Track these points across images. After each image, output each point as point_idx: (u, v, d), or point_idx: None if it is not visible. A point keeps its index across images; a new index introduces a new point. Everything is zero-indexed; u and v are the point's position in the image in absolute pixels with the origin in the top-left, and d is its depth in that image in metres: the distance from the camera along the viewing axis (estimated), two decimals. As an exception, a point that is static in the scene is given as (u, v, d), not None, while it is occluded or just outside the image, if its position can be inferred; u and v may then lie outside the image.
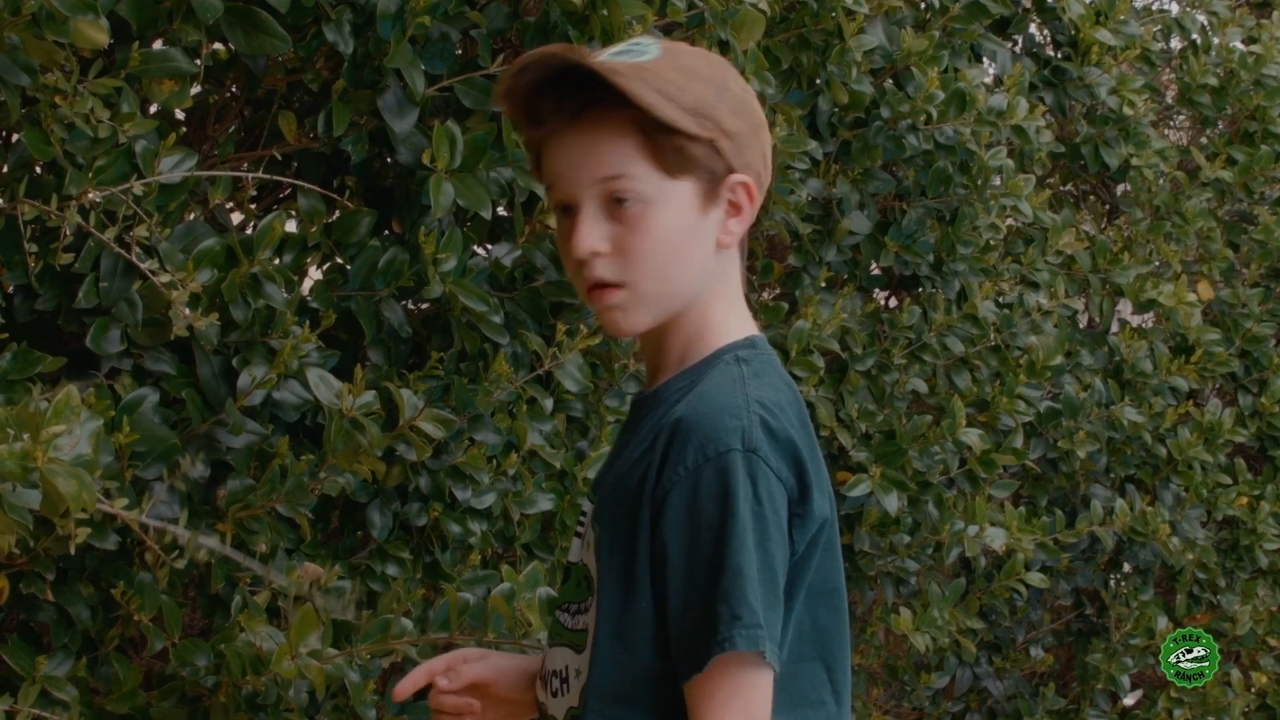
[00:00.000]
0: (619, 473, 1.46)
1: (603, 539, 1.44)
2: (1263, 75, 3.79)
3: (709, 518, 1.37)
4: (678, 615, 1.38)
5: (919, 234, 3.03)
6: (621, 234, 1.40)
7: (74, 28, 1.74)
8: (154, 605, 1.93)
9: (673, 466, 1.38)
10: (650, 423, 1.45)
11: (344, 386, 2.00)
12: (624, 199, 1.40)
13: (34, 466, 1.56)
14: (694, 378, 1.45)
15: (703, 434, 1.38)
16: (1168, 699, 3.69)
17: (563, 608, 1.52)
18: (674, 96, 1.38)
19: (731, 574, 1.36)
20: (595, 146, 1.40)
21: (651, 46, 1.43)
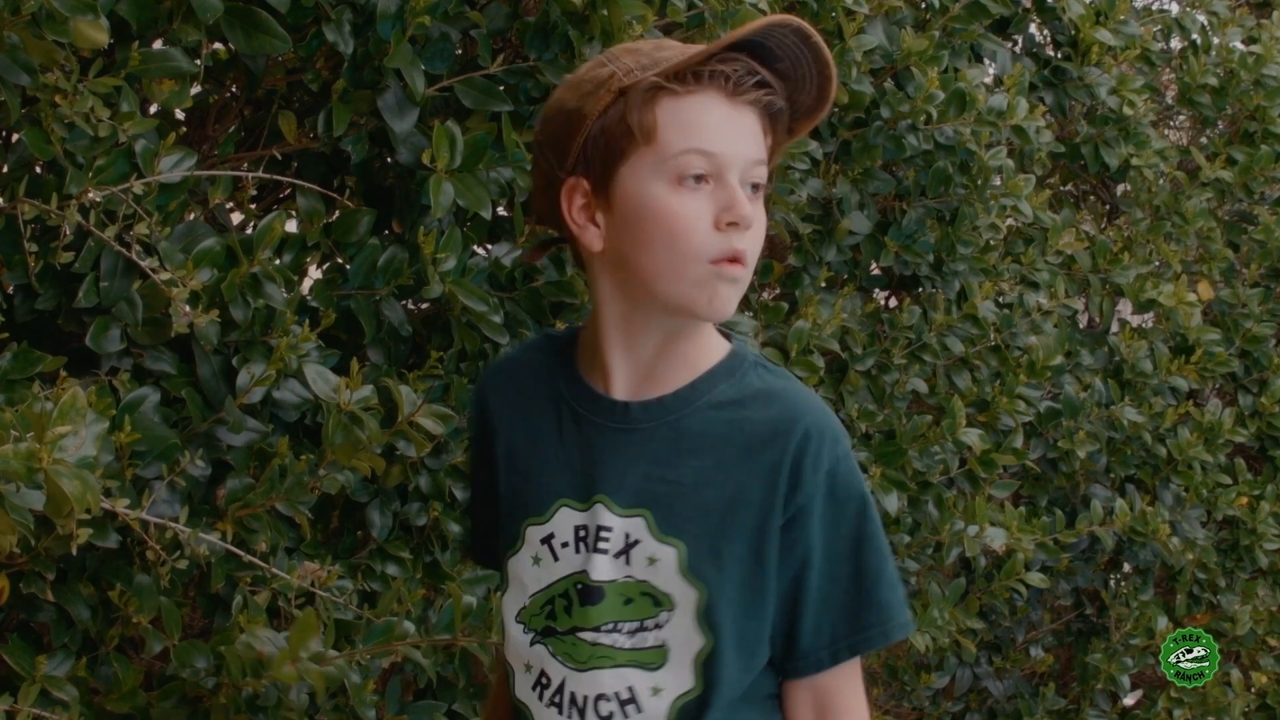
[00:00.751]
0: (694, 483, 1.43)
1: (705, 554, 1.42)
2: (1263, 75, 3.79)
3: (849, 516, 1.45)
4: (817, 612, 1.45)
5: (919, 234, 3.03)
6: (756, 214, 1.44)
7: (74, 28, 1.74)
8: (152, 607, 1.93)
9: (811, 473, 1.43)
10: (702, 427, 1.44)
11: (342, 381, 2.00)
12: (762, 182, 1.44)
13: (39, 467, 1.56)
14: (733, 381, 1.47)
15: (828, 438, 1.45)
16: (1168, 699, 3.69)
17: (602, 629, 1.46)
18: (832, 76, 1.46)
19: (878, 568, 1.47)
20: (749, 128, 1.42)
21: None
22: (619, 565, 1.45)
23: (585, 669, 1.46)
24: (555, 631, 1.48)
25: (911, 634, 1.51)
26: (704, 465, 1.44)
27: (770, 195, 2.69)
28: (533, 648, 1.50)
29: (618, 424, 1.47)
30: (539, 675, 1.49)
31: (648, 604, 1.44)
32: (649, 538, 1.44)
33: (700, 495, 1.43)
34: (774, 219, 2.76)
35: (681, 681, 1.45)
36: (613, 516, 1.45)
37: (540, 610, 1.49)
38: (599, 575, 1.45)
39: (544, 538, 1.48)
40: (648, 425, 1.46)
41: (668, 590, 1.43)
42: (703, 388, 1.47)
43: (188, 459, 1.89)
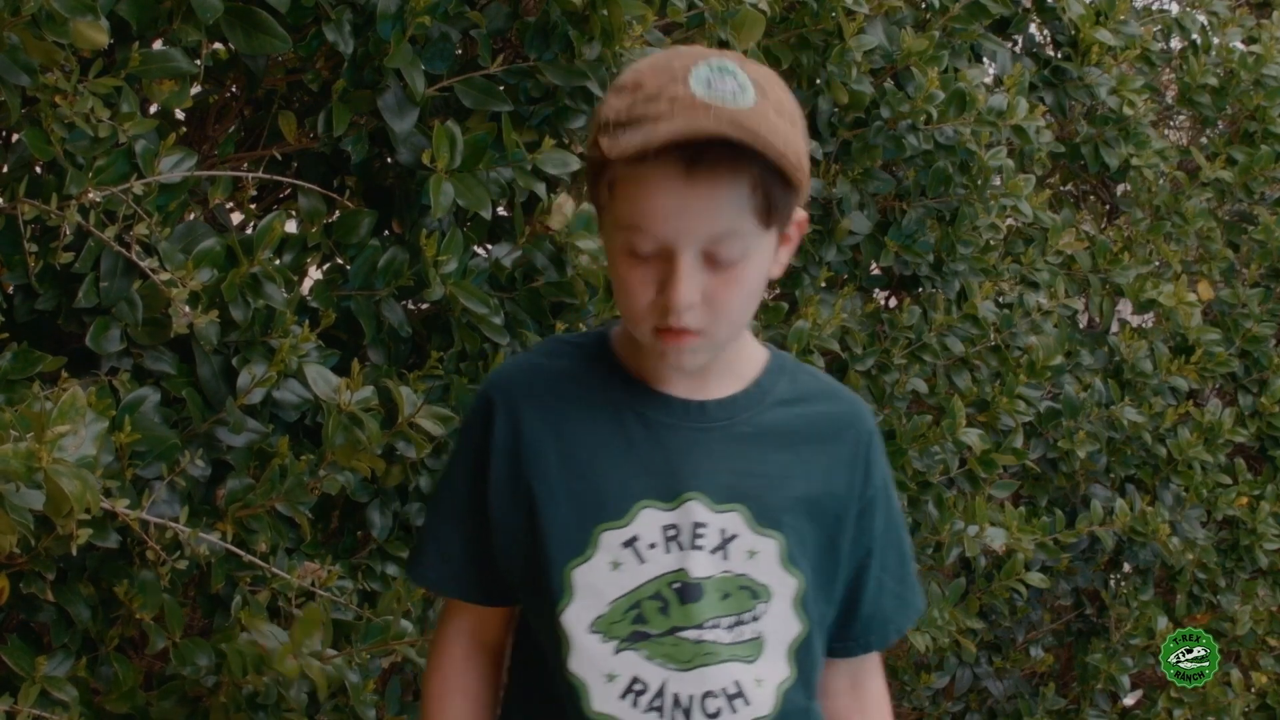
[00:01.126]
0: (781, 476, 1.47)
1: (796, 544, 1.48)
2: (1263, 75, 3.79)
3: (894, 507, 1.59)
4: (871, 597, 1.56)
5: (919, 234, 3.03)
6: (715, 286, 1.38)
7: (74, 28, 1.74)
8: (155, 604, 1.93)
9: (878, 467, 1.54)
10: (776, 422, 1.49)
11: (342, 381, 2.01)
12: (728, 256, 1.37)
13: (39, 467, 1.56)
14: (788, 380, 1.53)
15: (879, 433, 1.56)
16: (1168, 699, 3.69)
17: (705, 625, 1.45)
18: (785, 150, 1.33)
19: (910, 555, 1.61)
20: (714, 202, 1.34)
21: (740, 75, 1.35)
22: (717, 560, 1.45)
23: (691, 668, 1.45)
24: (649, 635, 1.45)
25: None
26: (786, 458, 1.48)
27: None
28: (618, 655, 1.45)
29: (693, 423, 1.48)
30: (630, 683, 1.46)
31: (745, 597, 1.46)
32: (747, 531, 1.46)
33: (787, 487, 1.47)
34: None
35: (778, 670, 1.49)
36: (708, 512, 1.45)
37: (624, 616, 1.46)
38: (699, 572, 1.45)
39: (625, 541, 1.45)
40: (725, 422, 1.48)
41: (766, 581, 1.46)
42: (766, 385, 1.51)
43: (188, 459, 1.89)
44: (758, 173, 1.34)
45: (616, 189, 1.38)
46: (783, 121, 1.35)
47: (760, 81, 1.36)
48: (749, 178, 1.34)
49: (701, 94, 1.32)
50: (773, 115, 1.34)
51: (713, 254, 1.36)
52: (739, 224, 1.35)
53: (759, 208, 1.36)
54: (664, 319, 1.39)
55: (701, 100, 1.32)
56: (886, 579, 1.57)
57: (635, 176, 1.35)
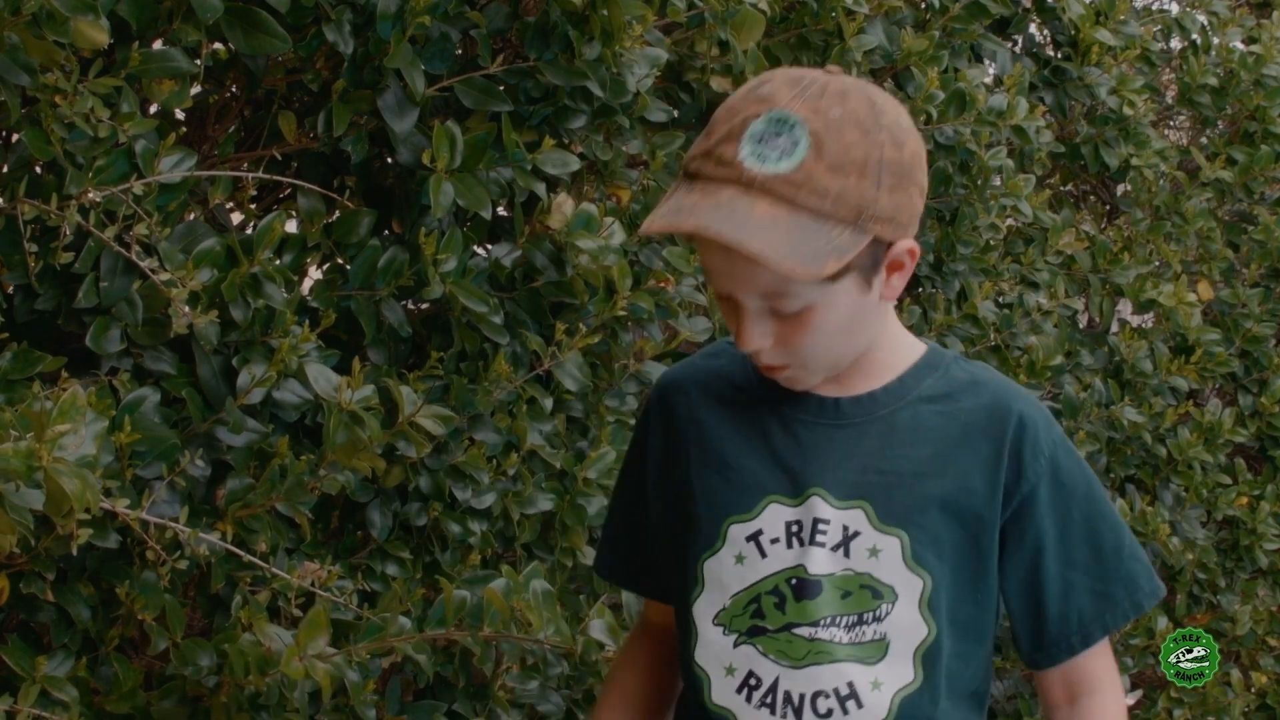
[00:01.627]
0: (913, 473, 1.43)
1: (926, 543, 1.43)
2: (1263, 75, 3.79)
3: (1078, 499, 1.48)
4: (1060, 599, 1.48)
5: (919, 234, 3.03)
6: (786, 331, 1.39)
7: (74, 28, 1.74)
8: (157, 605, 1.93)
9: (1032, 460, 1.45)
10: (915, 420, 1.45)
11: (343, 380, 2.00)
12: (788, 309, 1.37)
13: (38, 466, 1.56)
14: (939, 375, 1.48)
15: (1043, 424, 1.47)
16: (1168, 699, 3.69)
17: (821, 624, 1.44)
18: (830, 213, 1.32)
19: (1115, 543, 1.49)
20: (752, 269, 1.34)
21: (798, 129, 1.33)
22: (837, 558, 1.44)
23: (802, 666, 1.44)
24: (765, 630, 1.45)
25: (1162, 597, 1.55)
26: (922, 455, 1.44)
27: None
28: (737, 649, 1.46)
29: (827, 420, 1.47)
30: (746, 677, 1.46)
31: (867, 596, 1.43)
32: (870, 529, 1.43)
33: (921, 484, 1.44)
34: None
35: (902, 674, 1.44)
36: (830, 509, 1.44)
37: (744, 610, 1.46)
38: (817, 569, 1.44)
39: (750, 535, 1.46)
40: (860, 420, 1.46)
41: (890, 581, 1.43)
42: (910, 382, 1.48)
43: (188, 459, 1.89)
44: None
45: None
46: (837, 178, 1.32)
47: (825, 133, 1.32)
48: None
49: (746, 155, 1.33)
50: (821, 174, 1.31)
51: (773, 306, 1.38)
52: (785, 285, 1.35)
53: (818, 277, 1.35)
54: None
55: (741, 164, 1.32)
56: (1076, 576, 1.48)
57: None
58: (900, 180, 1.37)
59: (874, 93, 1.39)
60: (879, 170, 1.34)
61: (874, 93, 1.39)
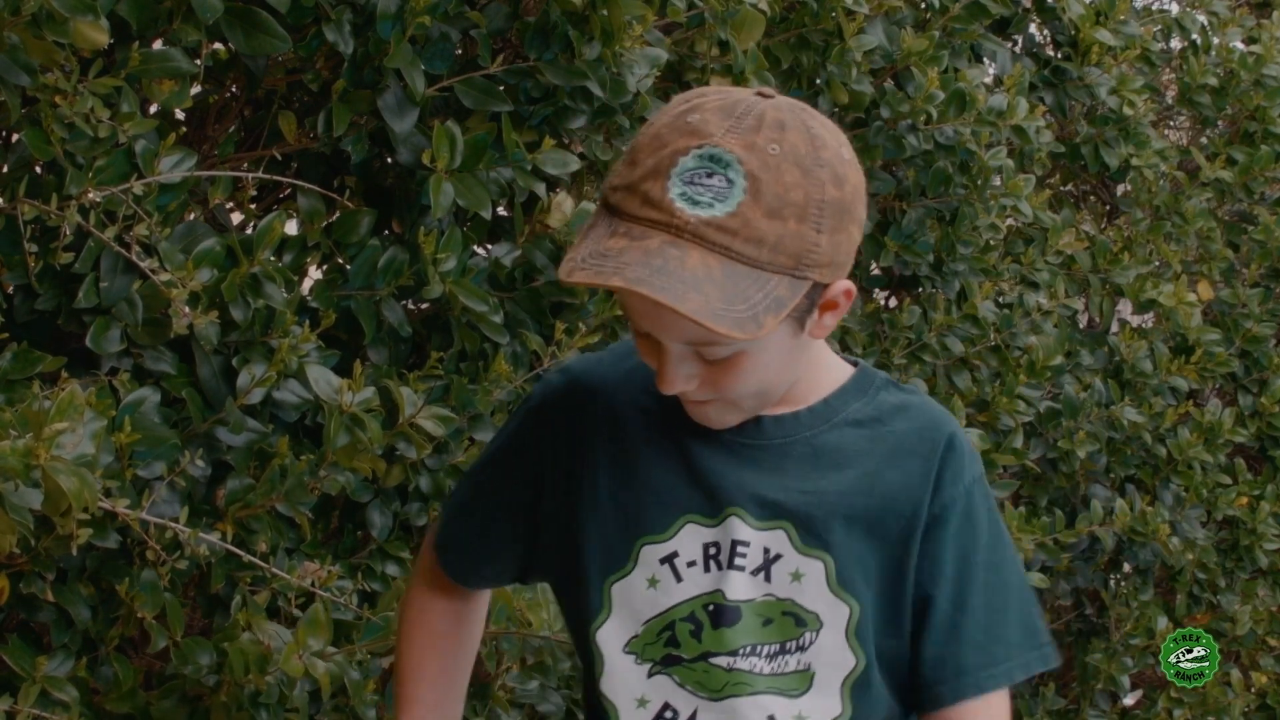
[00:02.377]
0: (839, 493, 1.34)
1: (852, 567, 1.34)
2: (1263, 75, 3.79)
3: (983, 543, 1.37)
4: (940, 639, 1.36)
5: (919, 234, 3.03)
6: (714, 374, 1.30)
7: (74, 28, 1.74)
8: (157, 603, 1.93)
9: (951, 484, 1.36)
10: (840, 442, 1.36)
11: (344, 382, 2.01)
12: (714, 356, 1.28)
13: (36, 464, 1.56)
14: (866, 399, 1.39)
15: (968, 454, 1.38)
16: (1168, 699, 3.69)
17: (740, 653, 1.36)
18: (766, 262, 1.22)
19: (1011, 604, 1.38)
20: (676, 319, 1.22)
21: (733, 169, 1.22)
22: (758, 583, 1.35)
23: (720, 698, 1.36)
24: (680, 659, 1.37)
25: (1055, 665, 1.42)
26: (847, 476, 1.35)
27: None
28: (651, 679, 1.38)
29: (748, 438, 1.37)
30: (661, 709, 1.38)
31: (789, 624, 1.35)
32: (792, 551, 1.35)
33: (847, 504, 1.35)
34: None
35: (829, 707, 1.36)
36: (750, 530, 1.35)
37: (657, 638, 1.37)
38: (735, 594, 1.35)
39: (664, 557, 1.37)
40: (782, 440, 1.37)
41: (814, 608, 1.34)
42: (836, 404, 1.38)
43: (188, 459, 1.89)
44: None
45: None
46: (774, 224, 1.22)
47: (763, 173, 1.22)
48: None
49: (676, 197, 1.21)
50: (758, 219, 1.21)
51: (700, 352, 1.28)
52: (713, 336, 1.23)
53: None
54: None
55: (671, 205, 1.21)
56: (964, 621, 1.35)
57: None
58: (840, 220, 1.26)
59: (812, 121, 1.27)
60: (820, 212, 1.24)
61: (812, 121, 1.27)
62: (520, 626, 2.12)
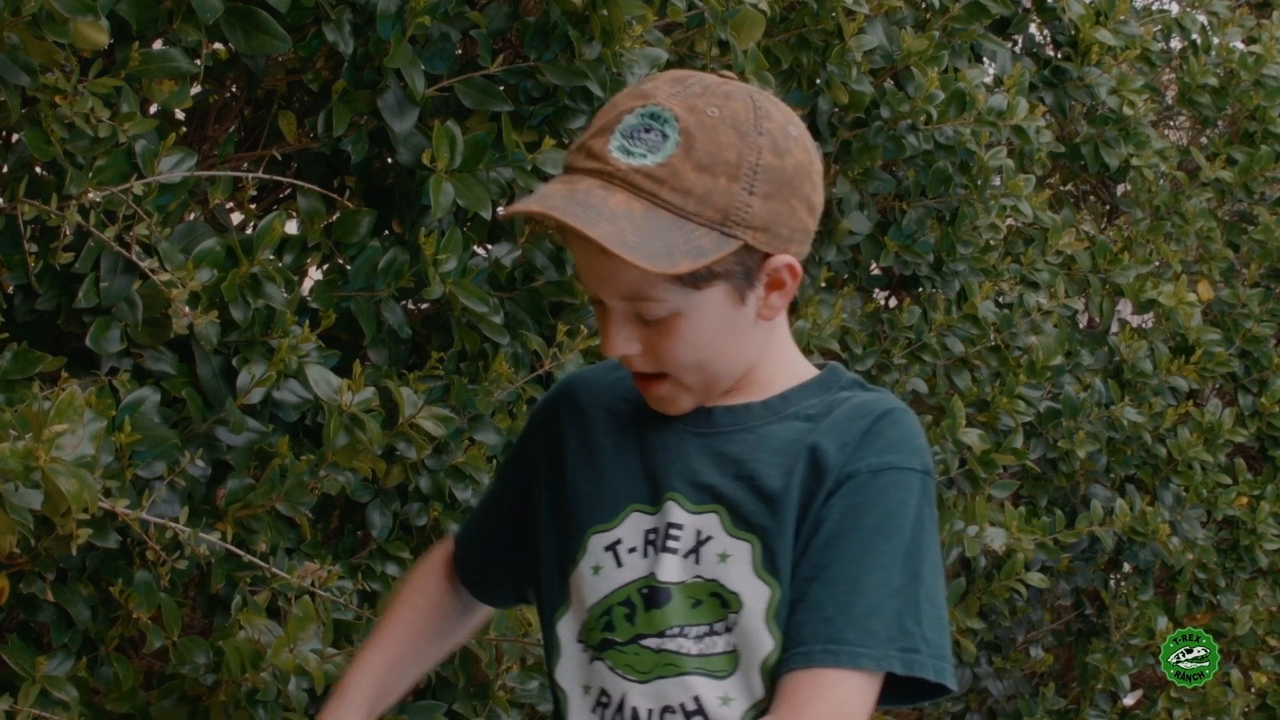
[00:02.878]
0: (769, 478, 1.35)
1: (778, 550, 1.33)
2: (1263, 75, 3.79)
3: (868, 525, 1.34)
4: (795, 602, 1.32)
5: (919, 234, 3.03)
6: (654, 338, 1.34)
7: (74, 28, 1.74)
8: (153, 604, 1.94)
9: (859, 459, 1.34)
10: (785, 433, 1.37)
11: (344, 383, 2.01)
12: (651, 315, 1.33)
13: (36, 466, 1.56)
14: (824, 396, 1.40)
15: (898, 443, 1.36)
16: (1168, 699, 3.69)
17: (667, 633, 1.35)
18: (693, 213, 1.27)
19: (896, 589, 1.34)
20: (613, 269, 1.29)
21: (669, 125, 1.28)
22: (688, 565, 1.36)
23: (648, 680, 1.36)
24: (615, 643, 1.37)
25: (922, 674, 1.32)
26: (782, 462, 1.36)
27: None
28: (592, 665, 1.39)
29: (698, 428, 1.40)
30: (599, 695, 1.38)
31: (716, 605, 1.35)
32: (722, 533, 1.35)
33: (767, 487, 1.35)
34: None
35: (753, 691, 1.34)
36: (684, 514, 1.37)
37: (597, 623, 1.38)
38: (666, 576, 1.36)
39: (609, 544, 1.39)
40: (729, 429, 1.40)
41: (737, 590, 1.34)
42: (792, 399, 1.40)
43: (188, 459, 1.89)
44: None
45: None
46: (703, 178, 1.27)
47: (698, 131, 1.28)
48: None
49: (614, 149, 1.29)
50: (687, 172, 1.27)
51: (637, 312, 1.33)
52: (648, 290, 1.30)
53: (671, 276, 1.29)
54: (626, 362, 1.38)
55: (607, 154, 1.29)
56: (815, 591, 1.32)
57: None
58: (779, 189, 1.30)
59: (765, 100, 1.32)
60: (753, 175, 1.29)
61: (765, 100, 1.32)
62: (520, 628, 2.12)
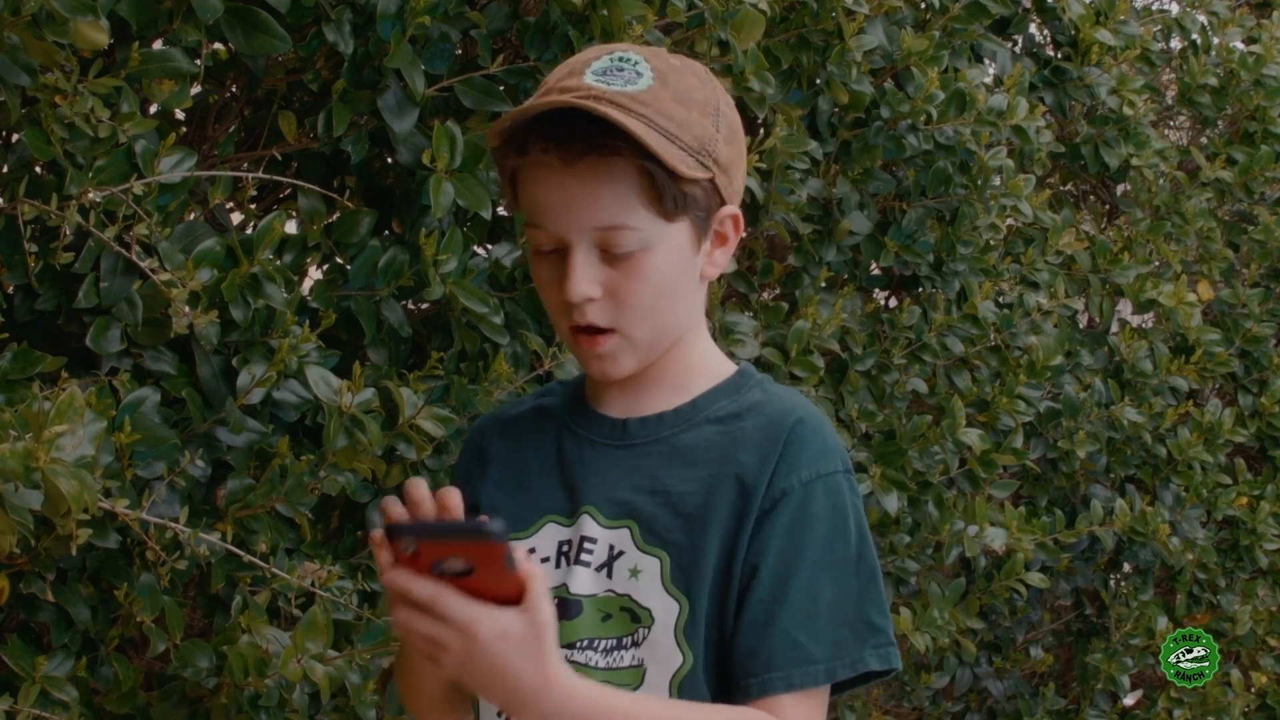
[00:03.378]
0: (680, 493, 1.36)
1: (687, 565, 1.35)
2: (1263, 75, 3.79)
3: (817, 541, 1.35)
4: (758, 631, 1.33)
5: (919, 234, 3.03)
6: (616, 279, 1.35)
7: (74, 28, 1.74)
8: (155, 606, 1.93)
9: (786, 475, 1.35)
10: (697, 440, 1.38)
11: (343, 384, 2.01)
12: (621, 249, 1.34)
13: (36, 466, 1.56)
14: (735, 398, 1.41)
15: (817, 448, 1.37)
16: (1168, 699, 3.69)
17: (577, 646, 1.37)
18: (676, 135, 1.32)
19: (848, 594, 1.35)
20: (595, 193, 1.32)
21: (640, 65, 1.34)
22: (600, 579, 1.38)
23: None
24: None
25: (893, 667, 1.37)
26: (693, 475, 1.38)
27: (770, 196, 2.69)
28: None
29: (615, 441, 1.43)
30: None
31: (626, 620, 1.36)
32: (633, 548, 1.37)
33: (685, 504, 1.37)
34: (774, 219, 2.76)
35: None
36: (598, 528, 1.39)
37: None
38: (578, 588, 1.38)
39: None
40: (643, 441, 1.42)
41: (648, 604, 1.36)
42: (703, 404, 1.42)
43: (188, 459, 1.89)
44: (640, 162, 1.31)
45: (518, 186, 1.38)
46: (680, 109, 1.32)
47: (667, 72, 1.35)
48: (633, 167, 1.31)
49: (592, 81, 1.32)
50: (667, 101, 1.32)
51: (606, 246, 1.34)
52: (627, 216, 1.32)
53: (649, 198, 1.32)
54: (570, 315, 1.36)
55: (585, 85, 1.32)
56: (781, 615, 1.33)
57: (525, 169, 1.35)
58: (734, 136, 1.38)
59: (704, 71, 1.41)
60: (716, 116, 1.36)
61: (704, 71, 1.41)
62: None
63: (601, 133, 1.29)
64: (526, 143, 1.33)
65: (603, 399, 1.47)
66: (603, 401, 1.46)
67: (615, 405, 1.45)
